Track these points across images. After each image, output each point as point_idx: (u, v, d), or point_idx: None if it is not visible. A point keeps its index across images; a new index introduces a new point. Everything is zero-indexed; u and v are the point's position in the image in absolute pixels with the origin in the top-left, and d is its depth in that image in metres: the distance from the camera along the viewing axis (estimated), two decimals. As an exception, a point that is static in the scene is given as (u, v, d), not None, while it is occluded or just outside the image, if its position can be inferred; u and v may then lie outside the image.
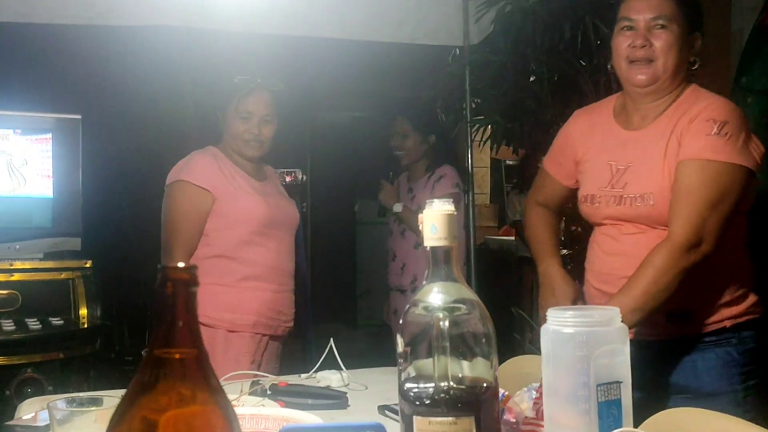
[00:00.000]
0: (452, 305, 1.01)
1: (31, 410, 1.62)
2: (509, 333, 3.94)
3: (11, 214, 3.02)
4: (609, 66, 2.10)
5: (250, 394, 1.60)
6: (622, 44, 1.95)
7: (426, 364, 1.00)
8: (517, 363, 1.82)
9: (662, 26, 1.91)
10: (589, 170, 2.05)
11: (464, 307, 1.02)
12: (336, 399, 1.65)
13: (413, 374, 1.01)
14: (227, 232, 2.52)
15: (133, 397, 0.67)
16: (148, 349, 0.68)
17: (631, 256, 1.87)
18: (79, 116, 3.09)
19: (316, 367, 1.92)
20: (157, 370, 0.67)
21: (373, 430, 0.90)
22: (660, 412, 1.32)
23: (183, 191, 2.54)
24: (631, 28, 1.94)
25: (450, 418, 0.97)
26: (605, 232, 2.00)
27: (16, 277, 2.87)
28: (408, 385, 1.01)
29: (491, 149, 3.90)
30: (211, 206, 2.52)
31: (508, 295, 4.68)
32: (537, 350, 1.10)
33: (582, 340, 0.99)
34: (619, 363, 1.00)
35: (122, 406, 0.67)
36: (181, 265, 0.67)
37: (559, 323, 1.02)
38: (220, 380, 1.79)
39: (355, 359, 2.11)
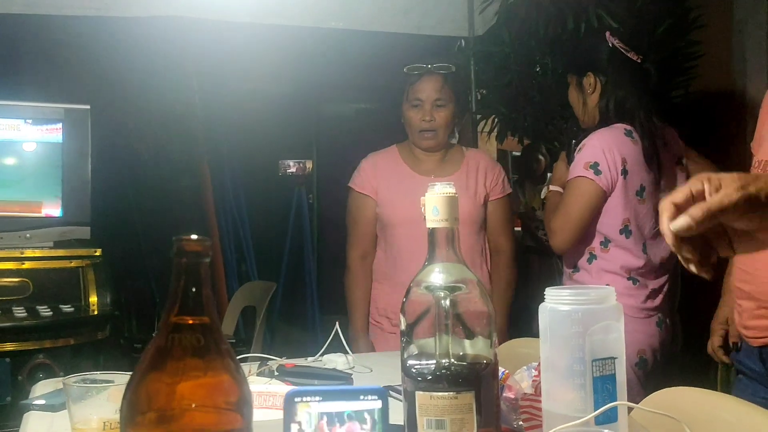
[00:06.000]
0: (453, 285, 1.04)
1: (44, 391, 1.66)
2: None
3: (22, 203, 3.06)
4: None
5: (258, 374, 1.64)
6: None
7: (428, 342, 1.03)
8: (513, 344, 1.85)
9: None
10: None
11: (465, 287, 1.05)
12: (341, 380, 1.68)
13: (415, 352, 1.05)
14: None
15: (150, 360, 0.71)
16: (164, 316, 0.72)
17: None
18: (88, 106, 3.12)
19: (322, 350, 1.96)
20: (173, 335, 0.71)
21: (376, 394, 0.94)
22: (658, 391, 1.36)
23: (350, 198, 2.78)
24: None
25: (451, 393, 1.00)
26: None
27: (27, 265, 2.90)
28: (410, 362, 1.04)
29: (496, 140, 3.93)
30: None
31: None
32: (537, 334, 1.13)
33: (577, 317, 1.02)
34: (614, 339, 1.04)
35: (140, 368, 0.71)
36: (193, 237, 0.71)
37: (556, 301, 1.06)
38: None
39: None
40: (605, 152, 2.36)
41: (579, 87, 2.55)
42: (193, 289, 0.70)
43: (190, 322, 0.71)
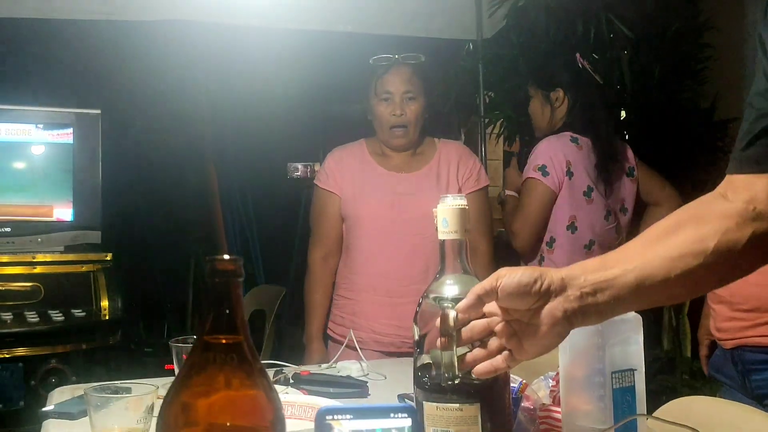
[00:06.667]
0: (461, 297, 1.05)
1: (61, 398, 1.67)
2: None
3: (33, 207, 3.08)
4: None
5: (274, 382, 1.64)
6: None
7: (438, 352, 1.04)
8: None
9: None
10: None
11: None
12: (357, 388, 1.68)
13: (426, 362, 1.06)
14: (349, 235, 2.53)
15: (185, 378, 0.72)
16: (197, 334, 0.73)
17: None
18: (98, 111, 3.13)
19: (336, 357, 1.96)
20: (206, 354, 0.72)
21: (406, 412, 0.94)
22: (673, 401, 1.36)
23: (314, 195, 2.61)
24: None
25: (456, 405, 1.01)
26: None
27: (39, 269, 2.91)
28: (421, 372, 1.06)
29: (504, 142, 3.93)
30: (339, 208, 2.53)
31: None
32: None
33: (597, 329, 1.03)
34: (633, 351, 1.04)
35: (174, 387, 0.72)
36: (226, 257, 0.72)
37: (576, 314, 1.06)
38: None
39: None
40: (551, 156, 2.64)
41: (546, 100, 2.76)
42: (227, 310, 0.71)
43: (223, 341, 0.71)
